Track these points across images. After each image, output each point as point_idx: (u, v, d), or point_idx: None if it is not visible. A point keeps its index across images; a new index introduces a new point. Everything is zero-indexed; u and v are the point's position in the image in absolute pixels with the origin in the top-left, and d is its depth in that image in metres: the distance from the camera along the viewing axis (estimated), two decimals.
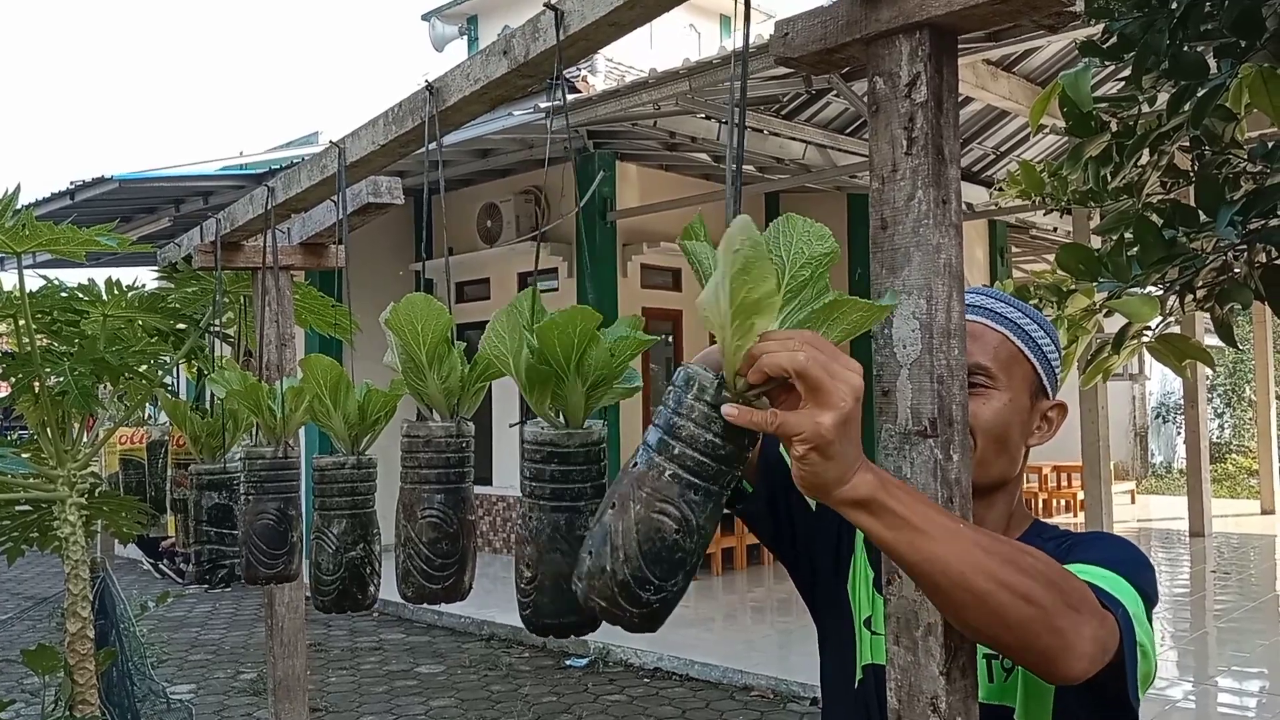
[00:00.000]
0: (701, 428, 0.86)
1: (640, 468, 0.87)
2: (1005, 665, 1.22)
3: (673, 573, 0.87)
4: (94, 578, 3.55)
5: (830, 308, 0.86)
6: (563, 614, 1.06)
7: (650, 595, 0.87)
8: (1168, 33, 1.87)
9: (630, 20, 1.18)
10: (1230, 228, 1.82)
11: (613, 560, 0.86)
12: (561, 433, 1.07)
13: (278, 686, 2.51)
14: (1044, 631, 0.92)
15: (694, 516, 0.87)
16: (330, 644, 8.00)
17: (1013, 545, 0.94)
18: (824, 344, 0.83)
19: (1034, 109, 2.20)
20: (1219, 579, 9.66)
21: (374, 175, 1.99)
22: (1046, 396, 1.30)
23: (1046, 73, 8.38)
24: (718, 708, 6.12)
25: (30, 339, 2.47)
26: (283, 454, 1.74)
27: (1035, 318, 1.31)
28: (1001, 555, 0.90)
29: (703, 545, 0.88)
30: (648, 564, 0.86)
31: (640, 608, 0.87)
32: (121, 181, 9.38)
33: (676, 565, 0.87)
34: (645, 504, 0.86)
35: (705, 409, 0.86)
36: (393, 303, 1.23)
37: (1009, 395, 1.25)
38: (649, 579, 0.86)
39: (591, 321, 1.03)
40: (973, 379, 1.24)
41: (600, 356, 1.03)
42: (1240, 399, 19.66)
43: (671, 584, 0.87)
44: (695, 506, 0.86)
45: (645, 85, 7.78)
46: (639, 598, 0.87)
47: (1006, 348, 1.27)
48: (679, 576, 0.88)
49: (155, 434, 3.22)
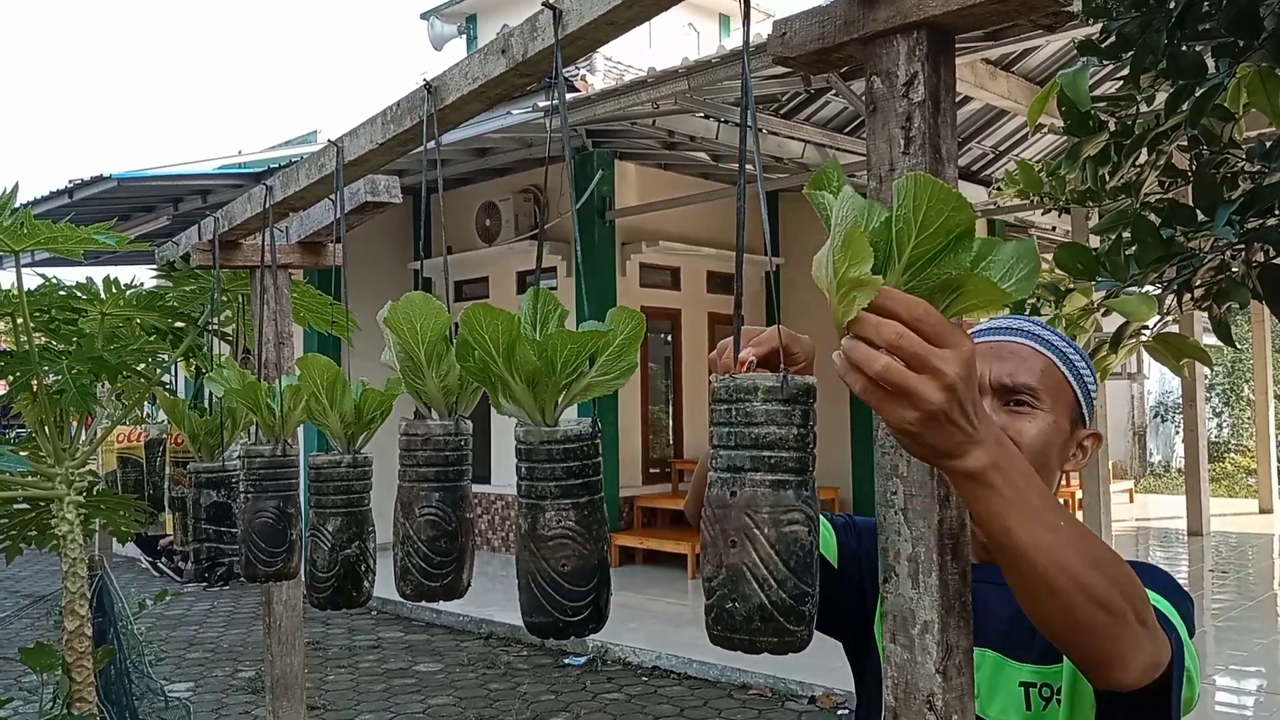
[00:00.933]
0: (785, 426, 0.86)
1: (742, 494, 0.86)
2: (1043, 695, 1.23)
3: (813, 574, 0.87)
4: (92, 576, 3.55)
5: (952, 283, 0.82)
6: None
7: (809, 607, 0.87)
8: (1166, 32, 1.87)
9: (629, 19, 1.18)
10: (1228, 227, 1.82)
11: (766, 592, 0.85)
12: (527, 429, 1.08)
13: (275, 684, 2.51)
14: (1108, 639, 0.93)
15: (812, 510, 0.87)
16: (328, 642, 8.00)
17: (1104, 549, 0.94)
18: (916, 334, 0.78)
19: (1032, 108, 2.20)
20: (1217, 578, 9.68)
21: (372, 174, 2.00)
22: (1084, 425, 1.32)
23: (1045, 72, 8.39)
24: (715, 706, 6.13)
25: (28, 337, 2.47)
26: (281, 452, 1.74)
27: (1076, 347, 1.34)
28: (1091, 557, 0.90)
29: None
30: (800, 578, 0.85)
31: (806, 622, 0.87)
32: (120, 180, 9.38)
33: (813, 565, 0.87)
34: (772, 524, 0.85)
35: (781, 407, 0.86)
36: (391, 301, 1.24)
37: (1053, 417, 1.27)
38: (806, 591, 0.86)
39: (504, 321, 1.03)
40: (1019, 398, 1.27)
41: (524, 354, 1.03)
42: (1239, 398, 19.67)
43: (814, 585, 0.87)
44: (809, 501, 0.87)
45: (644, 84, 7.78)
46: (803, 613, 0.86)
47: (1053, 373, 1.29)
48: (814, 574, 0.88)
49: (153, 432, 3.22)
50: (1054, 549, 0.88)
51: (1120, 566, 0.95)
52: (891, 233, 0.80)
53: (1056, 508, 0.91)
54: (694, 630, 7.38)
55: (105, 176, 9.43)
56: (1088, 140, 2.15)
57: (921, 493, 0.94)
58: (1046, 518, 0.88)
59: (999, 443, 0.85)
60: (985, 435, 0.84)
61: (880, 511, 0.97)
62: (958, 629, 0.94)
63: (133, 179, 9.50)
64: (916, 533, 0.94)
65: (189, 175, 9.84)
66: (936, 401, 0.79)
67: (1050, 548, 0.88)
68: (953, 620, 0.94)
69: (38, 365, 2.49)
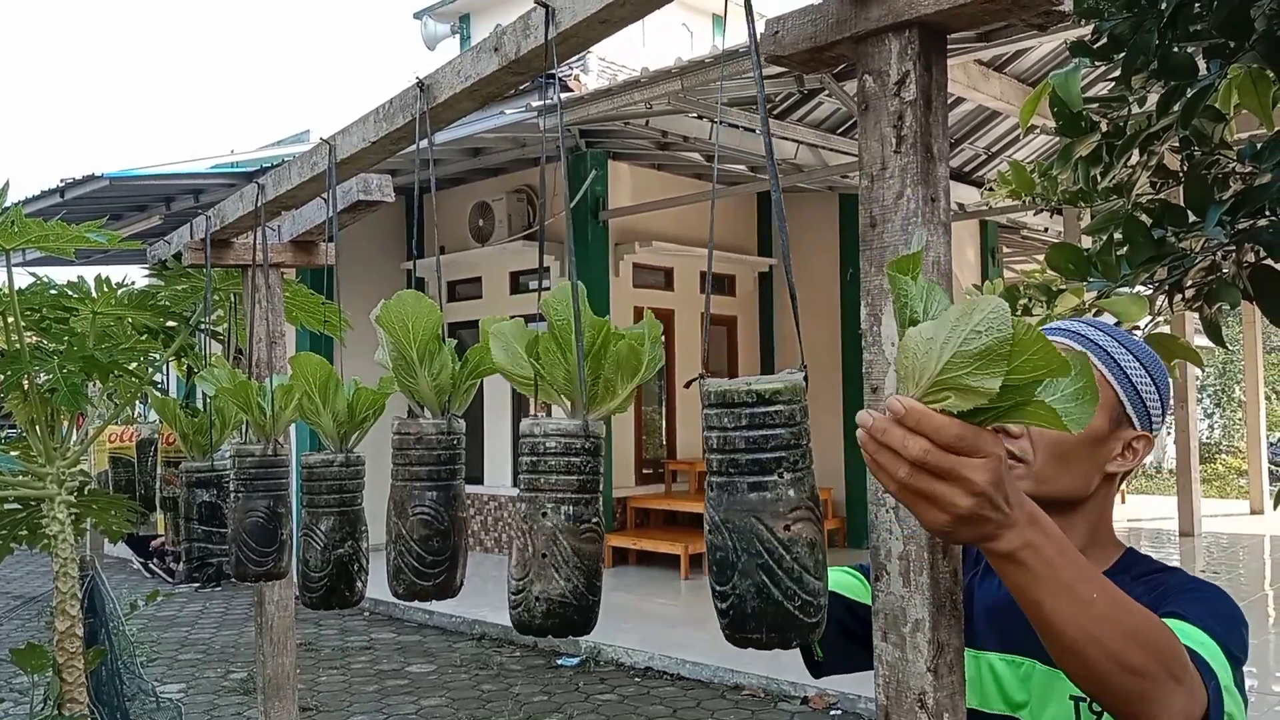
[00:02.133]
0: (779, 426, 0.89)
1: (759, 497, 0.89)
2: (1094, 709, 1.22)
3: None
4: (83, 576, 3.54)
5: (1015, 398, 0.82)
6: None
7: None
8: (1157, 33, 1.87)
9: (621, 18, 1.18)
10: (1219, 227, 1.82)
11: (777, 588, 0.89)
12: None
13: (267, 685, 2.51)
14: (1139, 700, 0.94)
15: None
16: (321, 643, 7.99)
17: (1140, 617, 0.95)
18: (937, 454, 0.79)
19: (1024, 109, 2.21)
20: (1208, 579, 9.69)
21: (364, 173, 1.99)
22: (1132, 426, 1.29)
23: (1037, 73, 8.41)
24: (709, 707, 6.13)
25: (19, 336, 2.46)
26: (272, 452, 1.74)
27: (1134, 350, 1.30)
28: (1124, 629, 0.92)
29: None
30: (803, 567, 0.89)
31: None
32: (112, 179, 9.35)
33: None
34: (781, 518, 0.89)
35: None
36: (383, 300, 1.23)
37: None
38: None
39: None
40: None
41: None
42: (1230, 399, 19.75)
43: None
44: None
45: (637, 84, 7.78)
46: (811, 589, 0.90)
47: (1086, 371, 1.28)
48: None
49: (145, 432, 3.21)
50: (1086, 624, 0.90)
51: (1156, 632, 0.96)
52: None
53: (1091, 579, 0.91)
54: (687, 631, 7.39)
55: (97, 175, 9.40)
56: (1080, 141, 2.16)
57: None
58: (1079, 591, 0.89)
59: (1032, 522, 0.87)
60: (1018, 518, 0.85)
61: (872, 510, 0.97)
62: (949, 628, 0.95)
63: (125, 178, 9.47)
64: (908, 531, 0.94)
65: (181, 174, 9.81)
66: (965, 507, 0.81)
67: (1082, 623, 0.89)
68: (944, 619, 0.94)
69: (29, 364, 2.48)
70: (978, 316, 0.77)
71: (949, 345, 0.78)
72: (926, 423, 0.79)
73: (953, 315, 0.78)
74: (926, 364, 0.79)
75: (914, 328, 0.80)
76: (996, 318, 0.76)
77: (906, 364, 0.81)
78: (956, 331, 0.77)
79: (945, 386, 0.79)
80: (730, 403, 0.89)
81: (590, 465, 1.04)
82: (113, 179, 9.35)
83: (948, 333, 0.78)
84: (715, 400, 0.90)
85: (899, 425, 0.79)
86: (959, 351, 0.77)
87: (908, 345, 0.81)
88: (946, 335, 0.78)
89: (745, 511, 0.88)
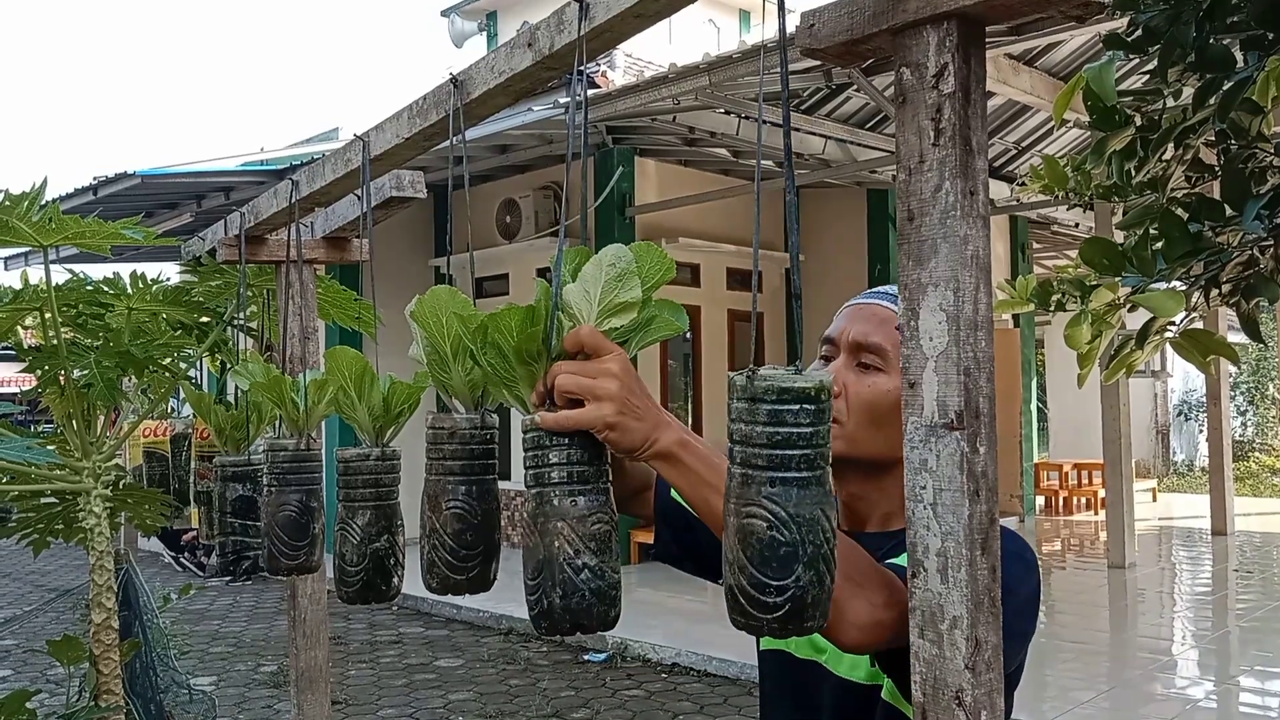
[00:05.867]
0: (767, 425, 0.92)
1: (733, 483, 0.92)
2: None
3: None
4: (118, 569, 3.58)
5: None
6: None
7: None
8: (1194, 25, 1.84)
9: (655, 11, 1.18)
10: (1256, 221, 1.80)
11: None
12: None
13: (300, 677, 2.53)
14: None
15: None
16: (350, 637, 8.05)
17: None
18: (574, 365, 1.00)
19: (1058, 102, 2.18)
20: (1241, 578, 9.59)
21: (396, 169, 2.00)
22: None
23: (1068, 67, 8.33)
24: (735, 703, 6.12)
25: (56, 332, 2.49)
26: (305, 446, 1.75)
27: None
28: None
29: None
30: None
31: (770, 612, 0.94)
32: (144, 177, 9.45)
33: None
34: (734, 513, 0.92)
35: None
36: (418, 295, 1.24)
37: (897, 381, 1.22)
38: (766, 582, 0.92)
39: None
40: (864, 358, 1.33)
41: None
42: (1263, 397, 19.48)
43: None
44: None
45: (664, 80, 7.77)
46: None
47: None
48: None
49: (179, 427, 3.24)
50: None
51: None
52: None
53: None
54: (714, 627, 7.38)
55: (129, 173, 9.50)
56: (1113, 135, 2.13)
57: (950, 487, 0.93)
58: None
59: (679, 425, 1.03)
60: (669, 420, 1.03)
61: (909, 506, 0.97)
62: (986, 624, 0.94)
63: (156, 176, 9.57)
64: (945, 528, 0.94)
65: (212, 172, 9.90)
66: (613, 388, 0.97)
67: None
68: (981, 615, 0.93)
69: (65, 360, 2.51)
70: (607, 257, 1.01)
71: (596, 282, 1.01)
72: (571, 336, 1.01)
73: (589, 266, 1.02)
74: (588, 305, 1.02)
75: (568, 285, 1.03)
76: (618, 253, 1.01)
77: (574, 311, 1.03)
78: (597, 272, 1.01)
79: (609, 313, 1.02)
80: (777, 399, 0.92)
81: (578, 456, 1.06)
82: (145, 176, 9.45)
83: (593, 275, 1.01)
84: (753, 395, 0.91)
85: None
86: (605, 282, 1.01)
87: (568, 298, 1.03)
88: (592, 276, 1.01)
89: (813, 504, 0.89)
